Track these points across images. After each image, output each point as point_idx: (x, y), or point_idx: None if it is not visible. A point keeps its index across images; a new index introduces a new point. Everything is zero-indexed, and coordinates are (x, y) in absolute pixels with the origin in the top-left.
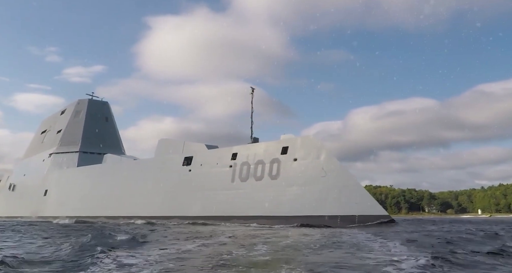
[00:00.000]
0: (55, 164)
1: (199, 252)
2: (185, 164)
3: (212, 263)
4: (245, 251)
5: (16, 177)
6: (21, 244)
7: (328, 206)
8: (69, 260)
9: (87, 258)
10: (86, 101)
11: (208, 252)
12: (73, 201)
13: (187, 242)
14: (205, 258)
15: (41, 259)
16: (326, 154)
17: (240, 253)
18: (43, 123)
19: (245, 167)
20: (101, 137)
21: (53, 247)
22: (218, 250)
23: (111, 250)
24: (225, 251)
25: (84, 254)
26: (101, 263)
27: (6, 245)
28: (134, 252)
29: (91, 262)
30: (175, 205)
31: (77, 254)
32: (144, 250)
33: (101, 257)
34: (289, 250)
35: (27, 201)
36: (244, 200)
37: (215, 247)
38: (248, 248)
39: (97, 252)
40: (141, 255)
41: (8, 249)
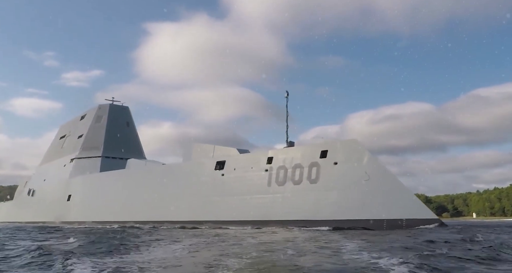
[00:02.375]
0: (77, 169)
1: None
2: (218, 168)
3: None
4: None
5: (35, 182)
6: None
7: (373, 209)
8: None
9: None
10: (107, 106)
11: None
12: (98, 206)
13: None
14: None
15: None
16: (369, 157)
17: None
18: (62, 129)
19: (282, 171)
20: (122, 141)
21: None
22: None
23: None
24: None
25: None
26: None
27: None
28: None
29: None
30: (208, 210)
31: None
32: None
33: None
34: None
35: (49, 206)
36: (282, 204)
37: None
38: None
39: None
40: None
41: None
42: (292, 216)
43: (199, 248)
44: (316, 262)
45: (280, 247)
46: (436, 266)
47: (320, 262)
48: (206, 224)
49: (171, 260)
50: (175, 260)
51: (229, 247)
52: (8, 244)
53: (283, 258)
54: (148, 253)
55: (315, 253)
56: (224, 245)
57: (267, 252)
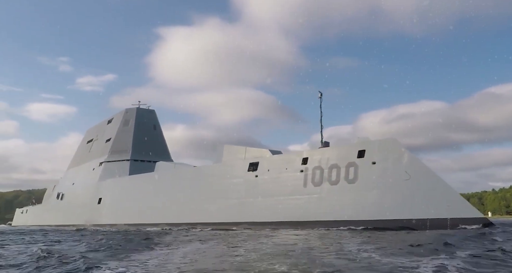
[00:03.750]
0: (107, 172)
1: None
2: (251, 170)
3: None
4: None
5: (64, 186)
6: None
7: (415, 209)
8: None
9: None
10: (135, 110)
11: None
12: (129, 208)
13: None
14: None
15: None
16: (409, 156)
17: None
18: (88, 133)
19: (318, 171)
20: (150, 144)
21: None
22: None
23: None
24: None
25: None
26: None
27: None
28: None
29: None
30: (242, 211)
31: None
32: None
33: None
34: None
35: (79, 210)
36: (319, 205)
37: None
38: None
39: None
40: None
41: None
42: (330, 217)
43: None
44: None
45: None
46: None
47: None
48: (240, 226)
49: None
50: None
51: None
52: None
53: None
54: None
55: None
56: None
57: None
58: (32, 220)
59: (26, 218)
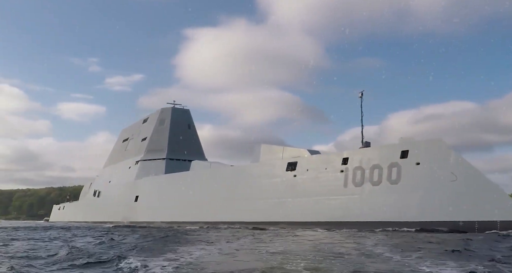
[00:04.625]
0: (143, 171)
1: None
2: (289, 169)
3: None
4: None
5: (100, 184)
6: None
7: (462, 211)
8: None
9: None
10: (170, 109)
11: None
12: (166, 206)
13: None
14: None
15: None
16: (455, 157)
17: None
18: (124, 132)
19: (359, 171)
20: (185, 143)
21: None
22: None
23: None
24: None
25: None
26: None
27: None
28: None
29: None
30: (280, 211)
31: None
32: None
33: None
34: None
35: (116, 207)
36: (360, 205)
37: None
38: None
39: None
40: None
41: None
42: (372, 217)
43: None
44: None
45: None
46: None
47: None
48: (278, 225)
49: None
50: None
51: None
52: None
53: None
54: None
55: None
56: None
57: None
58: (69, 216)
59: (63, 214)
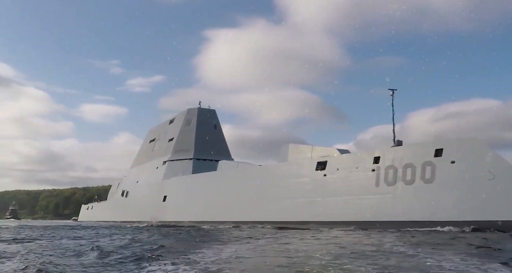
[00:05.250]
0: (170, 171)
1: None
2: (319, 169)
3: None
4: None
5: (128, 184)
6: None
7: (501, 210)
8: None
9: None
10: (196, 110)
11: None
12: (196, 206)
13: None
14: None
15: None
16: (492, 155)
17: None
18: (150, 133)
19: (391, 170)
20: (211, 144)
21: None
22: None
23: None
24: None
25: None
26: None
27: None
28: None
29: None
30: (310, 210)
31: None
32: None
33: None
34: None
35: (145, 207)
36: (393, 205)
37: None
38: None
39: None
40: None
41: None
42: (405, 217)
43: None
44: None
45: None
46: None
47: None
48: (308, 225)
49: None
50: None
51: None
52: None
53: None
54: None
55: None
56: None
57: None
58: (97, 216)
59: (92, 214)
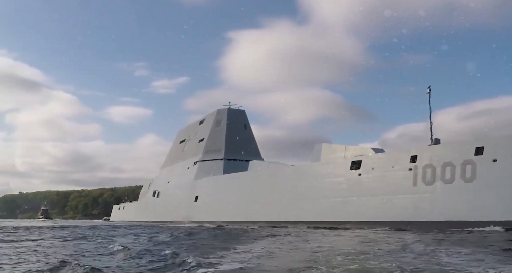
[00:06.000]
0: (201, 171)
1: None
2: (354, 168)
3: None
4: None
5: (159, 184)
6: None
7: None
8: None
9: None
10: (226, 110)
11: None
12: (228, 206)
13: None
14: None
15: None
16: None
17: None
18: (180, 134)
19: (429, 169)
20: (241, 144)
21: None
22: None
23: None
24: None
25: None
26: None
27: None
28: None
29: None
30: (345, 210)
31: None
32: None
33: None
34: None
35: (177, 207)
36: (432, 204)
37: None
38: None
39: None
40: None
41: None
42: (444, 217)
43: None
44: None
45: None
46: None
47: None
48: (343, 224)
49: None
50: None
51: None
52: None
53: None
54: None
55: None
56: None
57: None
58: (129, 216)
59: (124, 214)
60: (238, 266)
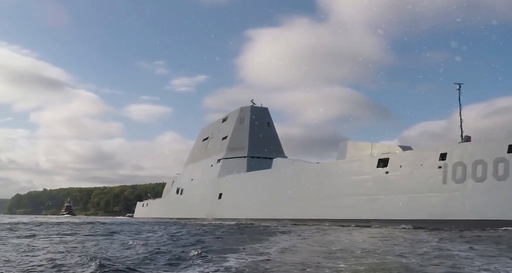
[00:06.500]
0: (225, 169)
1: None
2: (381, 166)
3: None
4: None
5: (183, 181)
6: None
7: None
8: None
9: None
10: (249, 108)
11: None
12: (252, 203)
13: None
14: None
15: None
16: None
17: None
18: (203, 132)
19: (460, 167)
20: (264, 141)
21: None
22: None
23: None
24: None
25: None
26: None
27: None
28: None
29: None
30: (371, 208)
31: None
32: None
33: None
34: None
35: (200, 204)
36: (463, 203)
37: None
38: None
39: None
40: None
41: None
42: (475, 215)
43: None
44: None
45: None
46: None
47: None
48: (370, 223)
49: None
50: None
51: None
52: None
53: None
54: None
55: None
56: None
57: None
58: (153, 213)
59: (147, 211)
60: (262, 258)
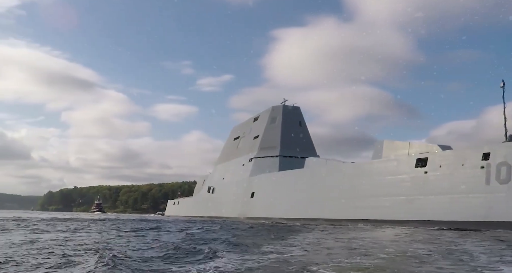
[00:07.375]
0: (257, 168)
1: None
2: (419, 166)
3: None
4: None
5: (214, 180)
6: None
7: None
8: None
9: None
10: (281, 107)
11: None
12: (285, 203)
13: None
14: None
15: None
16: None
17: None
18: (234, 131)
19: (504, 167)
20: (296, 141)
21: None
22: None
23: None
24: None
25: None
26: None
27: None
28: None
29: None
30: (410, 209)
31: None
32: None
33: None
34: None
35: (232, 203)
36: (506, 204)
37: None
38: None
39: None
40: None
41: None
42: None
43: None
44: None
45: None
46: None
47: None
48: (408, 224)
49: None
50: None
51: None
52: None
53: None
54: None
55: None
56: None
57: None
58: (184, 211)
59: (178, 209)
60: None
